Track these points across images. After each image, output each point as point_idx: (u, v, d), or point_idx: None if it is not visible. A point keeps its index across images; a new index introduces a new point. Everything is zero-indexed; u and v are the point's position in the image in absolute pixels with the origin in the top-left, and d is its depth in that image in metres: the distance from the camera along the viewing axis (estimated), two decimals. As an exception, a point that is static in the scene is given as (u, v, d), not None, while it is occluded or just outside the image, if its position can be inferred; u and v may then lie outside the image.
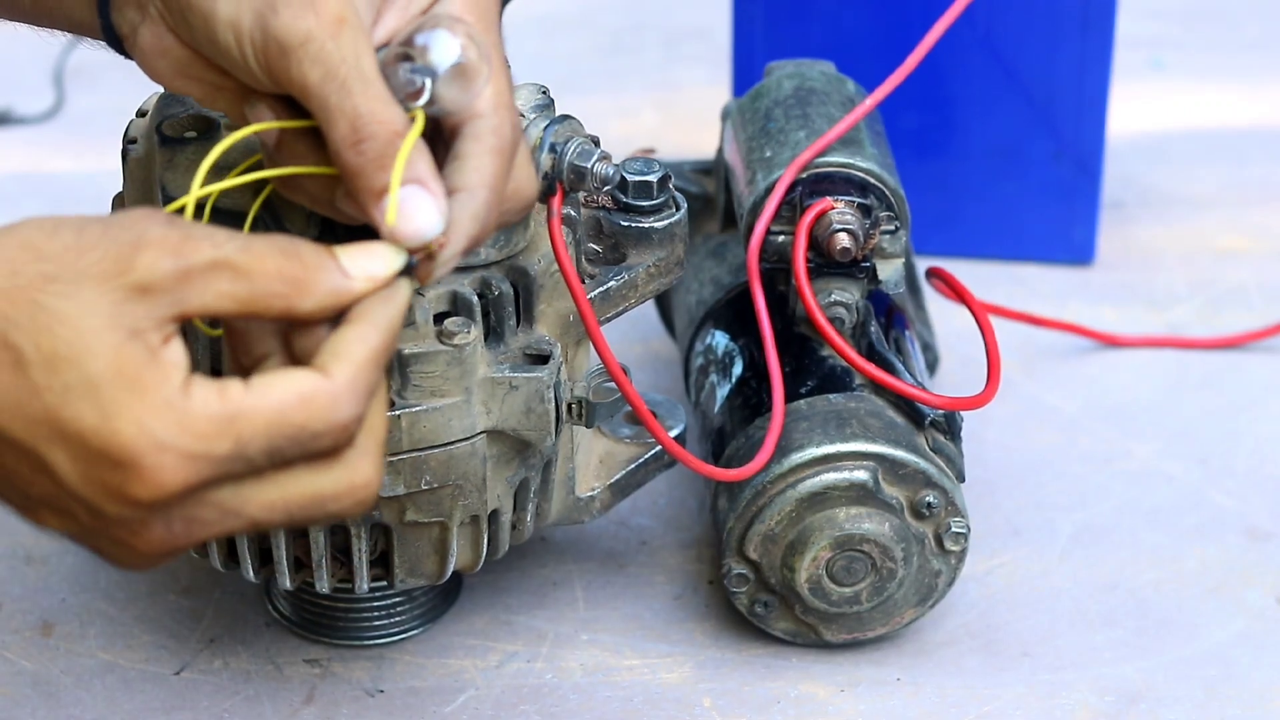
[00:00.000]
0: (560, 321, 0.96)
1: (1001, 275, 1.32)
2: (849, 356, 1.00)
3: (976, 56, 1.28)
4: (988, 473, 1.14)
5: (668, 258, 0.99)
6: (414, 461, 0.92)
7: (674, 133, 1.46)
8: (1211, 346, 1.26)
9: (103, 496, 0.73)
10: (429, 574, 0.97)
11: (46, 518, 0.75)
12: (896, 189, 1.02)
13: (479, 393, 0.92)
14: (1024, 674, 1.02)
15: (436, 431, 0.92)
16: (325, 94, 0.79)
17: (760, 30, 1.28)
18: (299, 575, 0.97)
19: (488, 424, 0.93)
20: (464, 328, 0.91)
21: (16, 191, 1.41)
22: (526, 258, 0.94)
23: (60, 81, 1.51)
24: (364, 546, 0.95)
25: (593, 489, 1.01)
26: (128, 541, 0.75)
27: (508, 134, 0.82)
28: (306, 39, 0.79)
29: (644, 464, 1.03)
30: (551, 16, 1.64)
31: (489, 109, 0.82)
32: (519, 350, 0.94)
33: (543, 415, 0.93)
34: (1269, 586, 1.07)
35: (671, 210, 0.99)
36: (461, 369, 0.91)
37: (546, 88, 0.95)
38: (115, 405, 0.72)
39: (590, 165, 0.92)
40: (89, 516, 0.74)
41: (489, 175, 0.81)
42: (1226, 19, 1.65)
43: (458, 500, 0.94)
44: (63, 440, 0.72)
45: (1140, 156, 1.45)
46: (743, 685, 1.01)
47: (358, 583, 0.96)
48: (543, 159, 0.91)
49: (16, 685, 1.00)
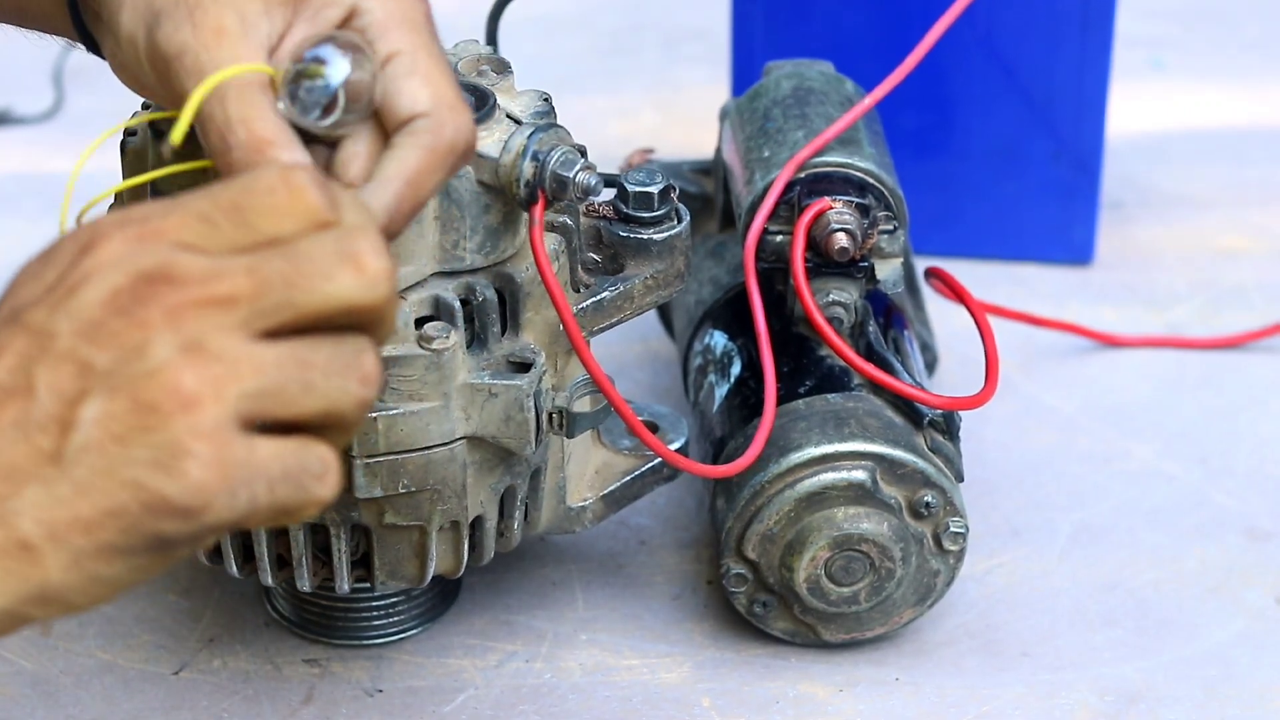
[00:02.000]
0: (549, 330, 0.95)
1: (1000, 275, 1.32)
2: (847, 356, 1.00)
3: (976, 56, 1.28)
4: (987, 472, 1.14)
5: (667, 270, 0.98)
6: (391, 464, 0.91)
7: (673, 133, 1.46)
8: (1211, 346, 1.26)
9: (69, 292, 0.70)
10: (409, 577, 0.97)
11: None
12: (895, 189, 1.02)
13: (458, 398, 0.92)
14: (1023, 674, 1.02)
15: (414, 435, 0.91)
16: (200, 104, 0.80)
17: (759, 30, 1.28)
18: (281, 573, 0.97)
19: (467, 430, 0.93)
20: (444, 333, 0.91)
21: (16, 191, 1.41)
22: (514, 265, 0.94)
23: (60, 81, 1.51)
24: (344, 546, 0.95)
25: (585, 499, 1.01)
26: (148, 388, 0.69)
27: (447, 134, 0.81)
28: (182, 50, 0.80)
29: (640, 476, 1.02)
30: (551, 17, 1.64)
31: (428, 107, 0.81)
32: (502, 358, 0.93)
33: (522, 424, 0.93)
34: (1269, 586, 1.07)
35: (673, 223, 0.98)
36: (440, 374, 0.91)
37: (549, 95, 0.95)
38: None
39: (572, 175, 0.91)
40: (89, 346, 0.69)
41: (409, 169, 0.81)
42: (1226, 19, 1.65)
43: (436, 505, 0.94)
44: (22, 300, 0.70)
45: (1140, 156, 1.45)
46: (742, 685, 1.01)
47: (339, 583, 0.96)
48: (525, 167, 0.91)
49: (16, 685, 1.00)
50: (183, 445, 0.69)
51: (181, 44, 0.80)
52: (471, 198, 0.91)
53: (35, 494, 0.69)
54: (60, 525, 0.69)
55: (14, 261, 0.73)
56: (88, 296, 0.70)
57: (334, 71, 0.81)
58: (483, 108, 0.92)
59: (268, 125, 0.80)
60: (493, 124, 0.92)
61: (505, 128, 0.92)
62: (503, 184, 0.91)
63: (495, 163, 0.91)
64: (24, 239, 1.32)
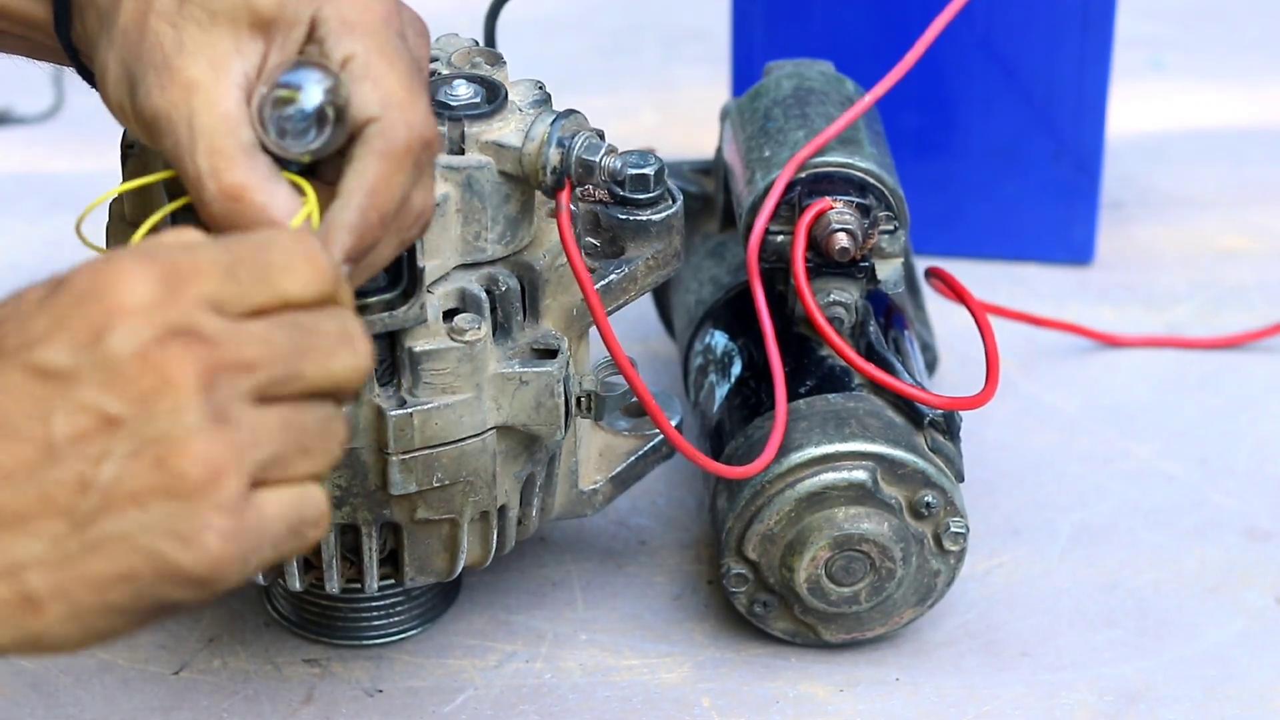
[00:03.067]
0: (564, 316, 0.96)
1: (1001, 275, 1.32)
2: (848, 356, 1.00)
3: (976, 56, 1.28)
4: (987, 472, 1.14)
5: (665, 250, 0.99)
6: (426, 459, 0.92)
7: (673, 133, 1.46)
8: (1211, 346, 1.26)
9: (92, 337, 0.69)
10: (439, 571, 0.97)
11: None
12: (895, 189, 1.02)
13: (489, 388, 0.92)
14: (1024, 674, 1.02)
15: (448, 428, 0.92)
16: (177, 161, 0.81)
17: (760, 30, 1.28)
18: (308, 576, 0.97)
19: (498, 419, 0.93)
20: (474, 324, 0.91)
21: (16, 191, 1.41)
22: (531, 253, 0.94)
23: (60, 81, 1.51)
24: (374, 545, 0.95)
25: (595, 482, 1.02)
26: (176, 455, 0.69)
27: (399, 135, 0.81)
28: (156, 114, 0.81)
29: (643, 456, 1.03)
30: (551, 17, 1.64)
31: (378, 110, 0.81)
32: (526, 345, 0.94)
33: (553, 409, 0.94)
34: (1269, 586, 1.07)
35: (668, 203, 0.99)
36: (473, 365, 0.91)
37: (542, 83, 0.95)
38: (64, 273, 0.70)
39: (598, 159, 0.92)
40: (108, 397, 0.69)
41: (368, 180, 0.81)
42: (1226, 19, 1.65)
43: (468, 497, 0.94)
44: (32, 334, 0.69)
45: (1140, 156, 1.45)
46: (742, 685, 1.01)
47: (368, 582, 0.96)
48: (551, 154, 0.91)
49: (16, 685, 1.00)
50: (204, 518, 0.70)
51: (154, 107, 0.81)
52: (493, 188, 0.91)
53: (44, 547, 0.69)
54: (68, 582, 0.69)
55: (14, 261, 0.73)
56: (114, 346, 0.69)
57: (307, 96, 0.81)
58: (494, 100, 0.93)
59: (236, 172, 0.80)
60: (506, 114, 0.92)
61: (520, 117, 0.92)
62: (527, 173, 0.91)
63: (518, 152, 0.91)
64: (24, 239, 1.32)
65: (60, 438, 0.69)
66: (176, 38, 0.81)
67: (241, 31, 0.82)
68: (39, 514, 0.69)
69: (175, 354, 0.69)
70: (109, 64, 0.83)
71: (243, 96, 0.81)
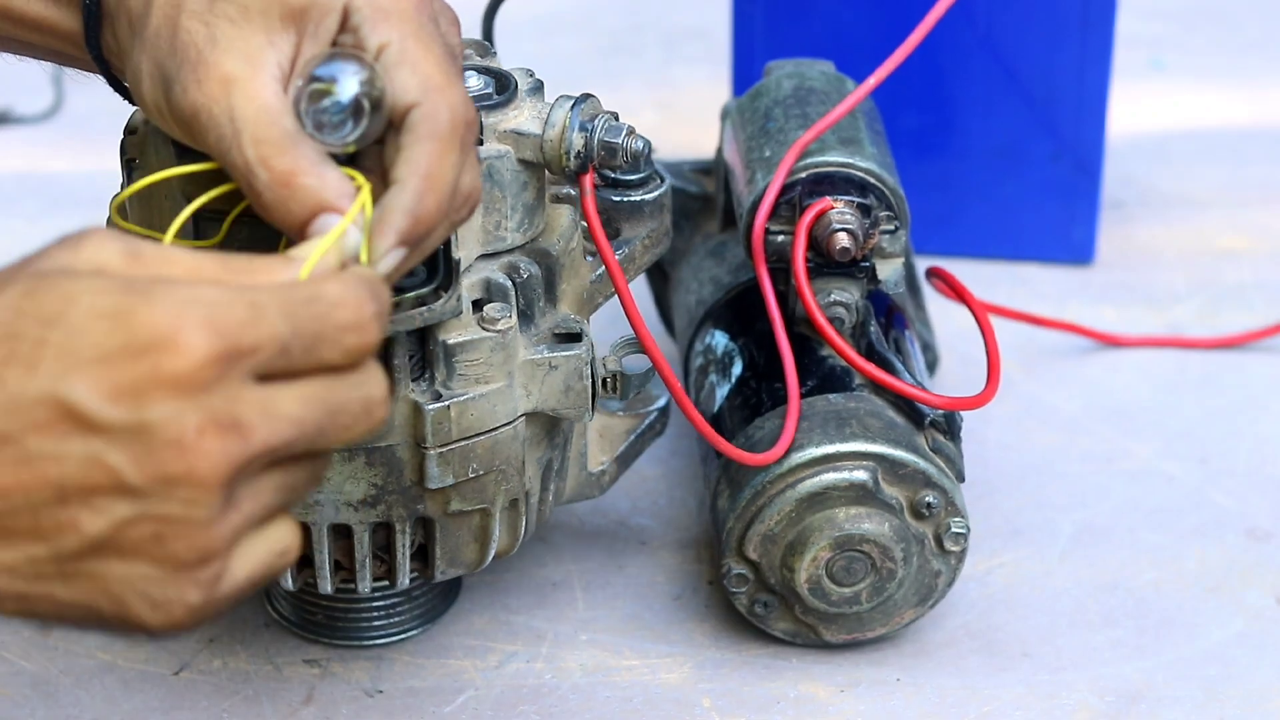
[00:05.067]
0: (577, 299, 0.97)
1: (1001, 275, 1.32)
2: (849, 356, 1.00)
3: (976, 56, 1.28)
4: (988, 473, 1.14)
5: (658, 229, 1.00)
6: (462, 450, 0.92)
7: (674, 133, 1.46)
8: (1211, 346, 1.26)
9: (135, 398, 0.68)
10: (468, 563, 0.97)
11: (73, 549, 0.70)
12: (896, 188, 1.02)
13: (520, 376, 0.93)
14: (1024, 674, 1.02)
15: (483, 418, 0.92)
16: (222, 154, 0.81)
17: (760, 30, 1.28)
18: (337, 576, 0.97)
19: (527, 406, 0.94)
20: (504, 313, 0.92)
21: (16, 191, 1.41)
22: (546, 239, 0.95)
23: (60, 81, 1.52)
24: (408, 542, 0.95)
25: (601, 463, 1.02)
26: (176, 539, 0.70)
27: (443, 118, 0.81)
28: (195, 110, 0.81)
29: (642, 434, 1.04)
30: (551, 16, 1.64)
31: (418, 95, 0.81)
32: (548, 331, 0.95)
33: (581, 392, 0.94)
34: (1269, 586, 1.07)
35: (658, 182, 1.00)
36: (505, 354, 0.92)
37: (532, 71, 0.96)
38: (129, 301, 0.69)
39: (621, 140, 0.93)
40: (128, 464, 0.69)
41: (421, 165, 0.81)
42: (1226, 19, 1.65)
43: (500, 485, 0.95)
44: (76, 361, 0.68)
45: (1140, 156, 1.45)
46: (742, 685, 1.01)
47: (400, 578, 0.96)
48: (574, 138, 0.92)
49: (16, 685, 1.00)
50: (180, 591, 0.71)
51: (193, 104, 0.81)
52: (512, 177, 0.92)
53: (18, 560, 0.70)
54: (31, 593, 0.71)
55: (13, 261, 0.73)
56: (152, 419, 0.69)
57: (343, 88, 0.81)
58: (505, 90, 0.93)
59: (285, 158, 0.80)
60: (519, 103, 0.93)
61: (533, 104, 0.93)
62: (549, 159, 0.92)
63: (539, 138, 0.91)
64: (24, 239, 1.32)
65: (70, 483, 0.69)
66: (209, 34, 0.81)
67: (274, 24, 0.82)
68: (24, 536, 0.70)
69: (209, 449, 0.69)
70: (142, 66, 0.83)
71: (279, 88, 0.81)
